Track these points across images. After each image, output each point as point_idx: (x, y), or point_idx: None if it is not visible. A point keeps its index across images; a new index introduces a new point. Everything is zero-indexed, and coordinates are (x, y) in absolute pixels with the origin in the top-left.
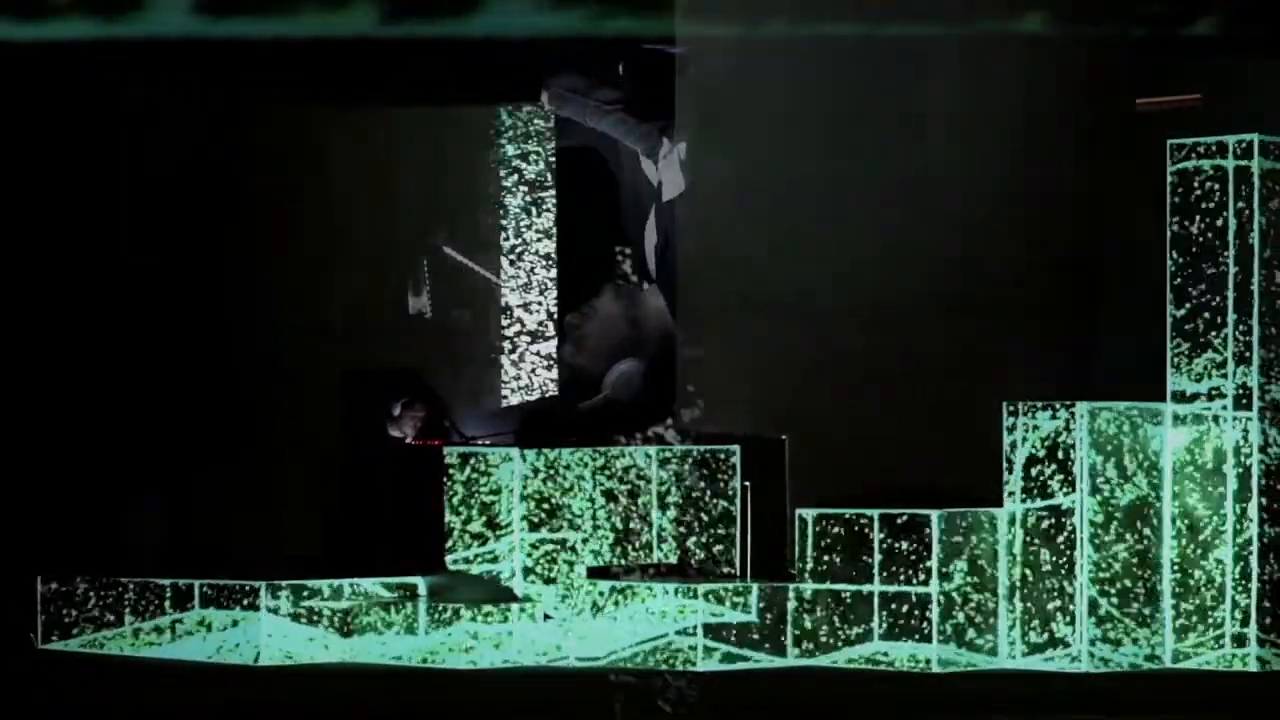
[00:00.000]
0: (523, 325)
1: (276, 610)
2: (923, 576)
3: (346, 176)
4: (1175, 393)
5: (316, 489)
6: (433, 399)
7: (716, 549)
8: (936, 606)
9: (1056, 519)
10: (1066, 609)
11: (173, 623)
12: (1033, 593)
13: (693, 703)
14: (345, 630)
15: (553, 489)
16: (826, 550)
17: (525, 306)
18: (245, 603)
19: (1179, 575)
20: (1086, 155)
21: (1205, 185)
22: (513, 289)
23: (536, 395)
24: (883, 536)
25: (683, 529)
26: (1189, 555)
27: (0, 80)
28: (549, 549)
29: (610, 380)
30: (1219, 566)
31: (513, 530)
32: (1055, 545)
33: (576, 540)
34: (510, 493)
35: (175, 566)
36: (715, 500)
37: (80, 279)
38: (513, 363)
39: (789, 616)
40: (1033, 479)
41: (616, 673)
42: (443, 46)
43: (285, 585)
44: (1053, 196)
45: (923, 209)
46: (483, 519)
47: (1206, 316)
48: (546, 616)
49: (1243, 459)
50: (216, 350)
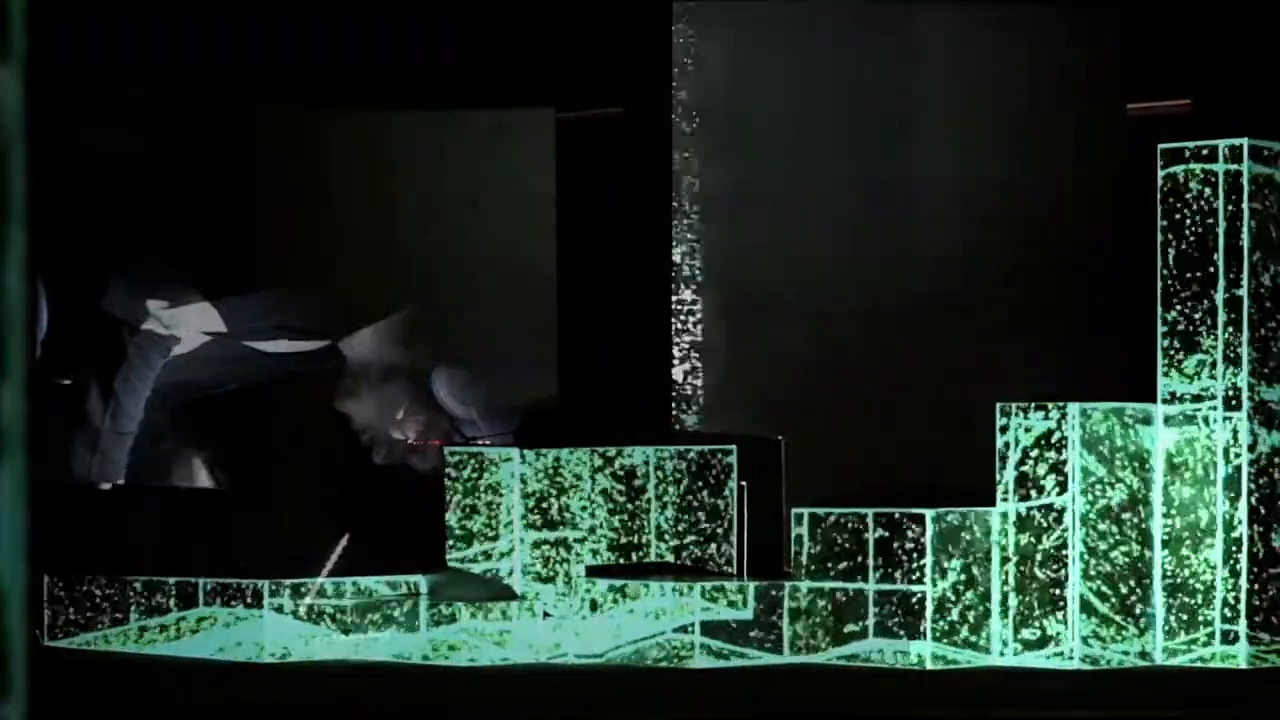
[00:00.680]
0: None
1: (280, 609)
2: (917, 574)
3: (347, 178)
4: (1165, 394)
5: (318, 489)
6: (435, 401)
7: (713, 547)
8: (930, 604)
9: (1048, 517)
10: (1058, 606)
11: (177, 620)
12: (1025, 591)
13: None
14: (348, 628)
15: (551, 488)
16: (822, 548)
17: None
18: (248, 601)
19: (1170, 573)
20: (1083, 157)
21: (1195, 188)
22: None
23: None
24: (877, 535)
25: (681, 528)
26: (1180, 553)
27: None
28: (547, 549)
29: (454, 400)
30: (1208, 565)
31: (513, 529)
32: (1046, 543)
33: (574, 539)
34: (510, 492)
35: (180, 566)
36: (713, 500)
37: (81, 279)
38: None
39: (785, 614)
40: (1025, 478)
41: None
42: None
43: (287, 583)
44: (1049, 198)
45: (920, 211)
46: (483, 518)
47: (1197, 318)
48: (546, 615)
49: (1232, 458)
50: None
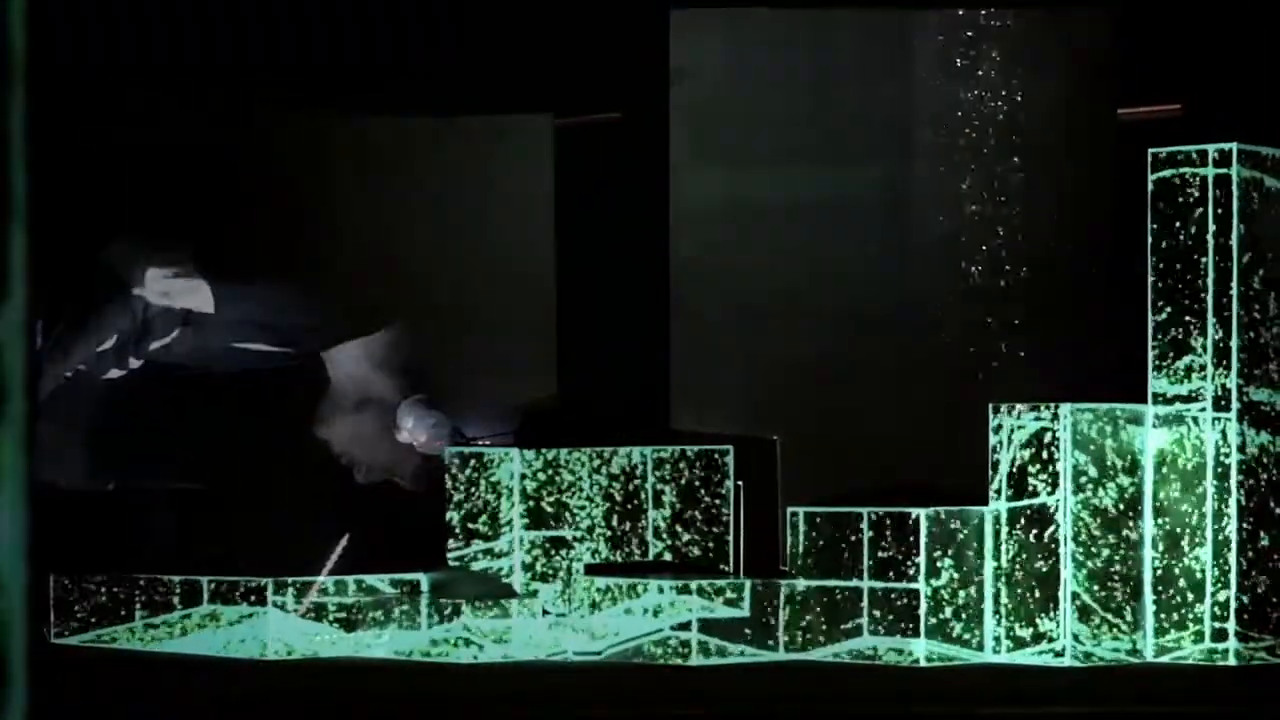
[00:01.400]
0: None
1: (283, 606)
2: (911, 572)
3: (346, 182)
4: (1156, 395)
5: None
6: (436, 401)
7: (711, 546)
8: (924, 602)
9: (1040, 516)
10: (1050, 604)
11: (181, 618)
12: (1017, 588)
13: None
14: (351, 626)
15: (550, 488)
16: (817, 546)
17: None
18: (252, 599)
19: (1160, 571)
20: (1075, 161)
21: (1185, 192)
22: None
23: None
24: (871, 534)
25: (678, 526)
26: (1170, 552)
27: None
28: (547, 547)
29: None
30: (1199, 563)
31: (513, 527)
32: (1039, 542)
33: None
34: (510, 491)
35: (185, 564)
36: (711, 499)
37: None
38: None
39: (780, 612)
40: (1017, 477)
41: None
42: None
43: (291, 582)
44: (1041, 202)
45: (916, 214)
46: (483, 517)
47: (1187, 320)
48: (545, 612)
49: (1222, 459)
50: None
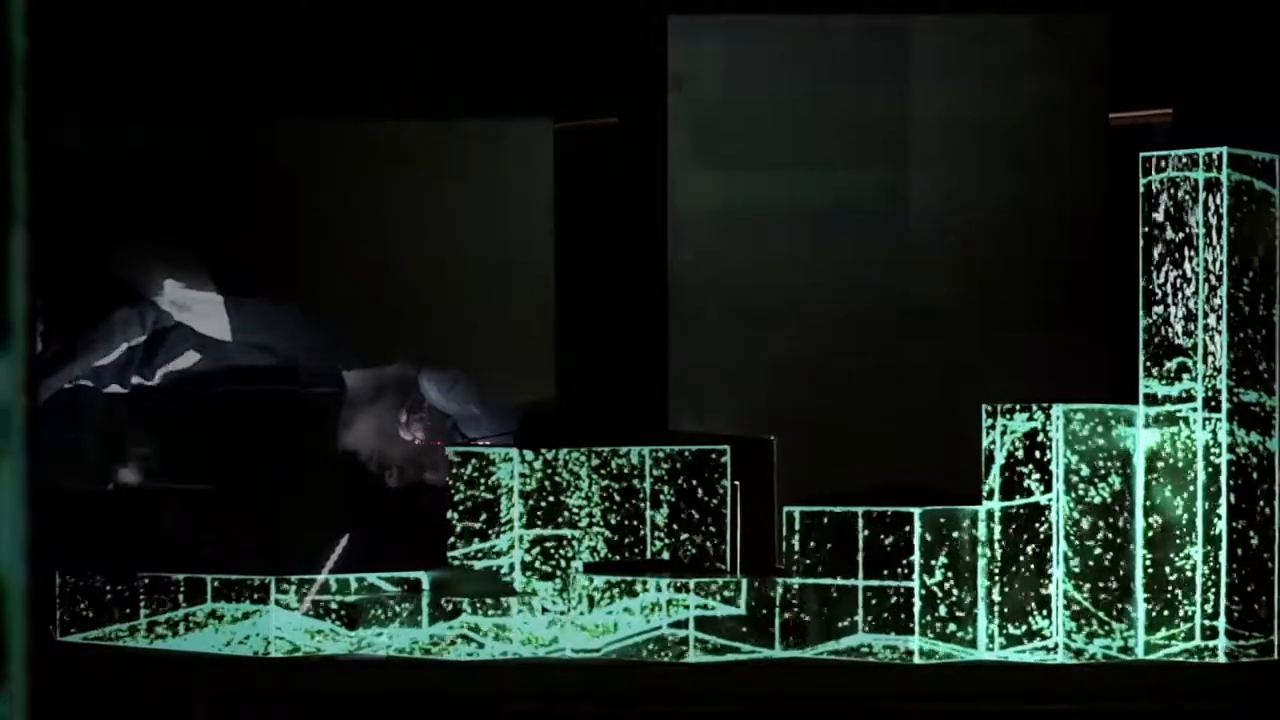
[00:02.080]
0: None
1: (286, 605)
2: (905, 571)
3: (346, 187)
4: (1147, 395)
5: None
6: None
7: (708, 545)
8: (919, 600)
9: (1032, 516)
10: (1043, 602)
11: (185, 615)
12: (1010, 587)
13: None
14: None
15: (550, 487)
16: (813, 545)
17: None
18: (255, 597)
19: (1151, 570)
20: (1066, 165)
21: (1176, 196)
22: None
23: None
24: (867, 533)
25: (676, 525)
26: (1161, 551)
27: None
28: (547, 545)
29: (445, 399)
30: (1189, 562)
31: (512, 526)
32: (1031, 541)
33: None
34: (510, 491)
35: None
36: (707, 498)
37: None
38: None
39: (777, 610)
40: (1010, 477)
41: None
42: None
43: (293, 580)
44: (1035, 205)
45: (911, 217)
46: (483, 516)
47: (1178, 322)
48: (544, 610)
49: (1212, 459)
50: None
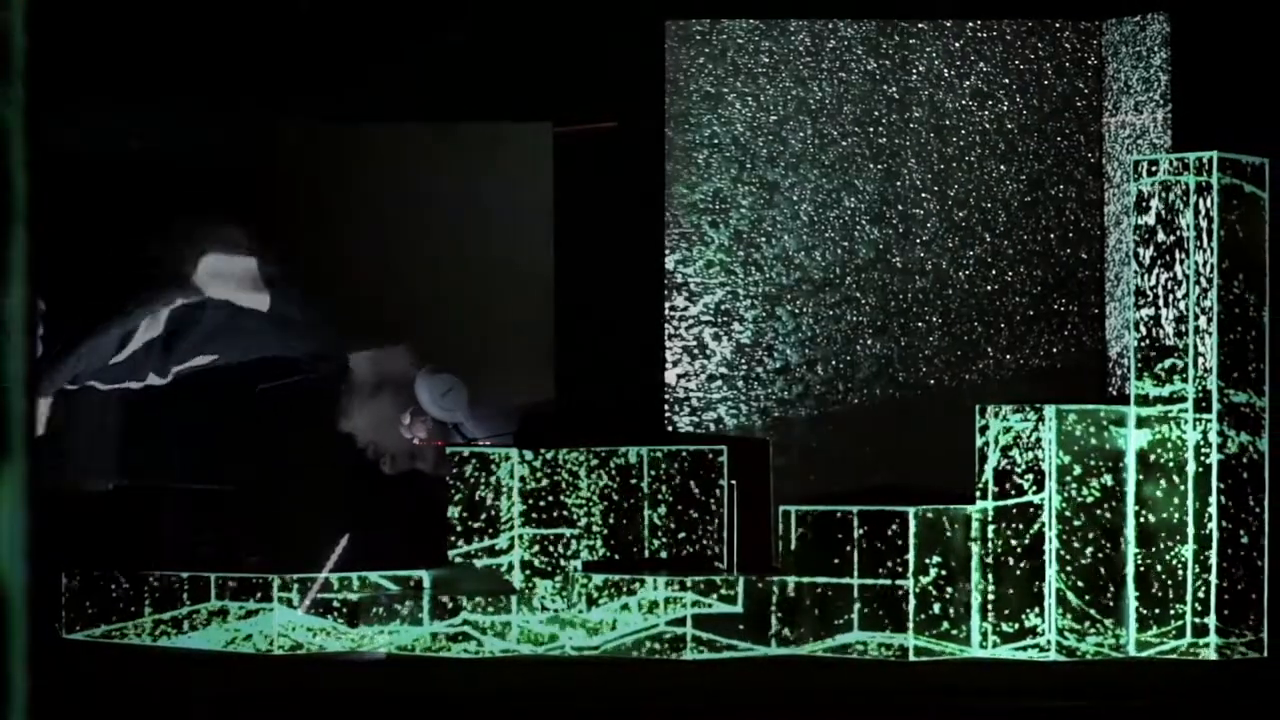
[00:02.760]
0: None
1: (289, 603)
2: (900, 570)
3: (348, 189)
4: (1139, 396)
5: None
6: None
7: (705, 544)
8: (913, 598)
9: (1025, 515)
10: (1036, 600)
11: (189, 614)
12: (1003, 585)
13: None
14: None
15: (549, 487)
16: (809, 544)
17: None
18: (258, 595)
19: (1143, 568)
20: (1061, 168)
21: (1168, 199)
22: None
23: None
24: (861, 532)
25: (673, 524)
26: (1152, 550)
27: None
28: (547, 544)
29: (437, 406)
30: (1180, 560)
31: (512, 526)
32: (1024, 539)
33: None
34: (510, 491)
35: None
36: (704, 498)
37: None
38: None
39: (773, 608)
40: (1003, 477)
41: None
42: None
43: (295, 578)
44: (1030, 208)
45: (908, 219)
46: (483, 515)
47: (1170, 323)
48: (544, 608)
49: (1202, 459)
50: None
